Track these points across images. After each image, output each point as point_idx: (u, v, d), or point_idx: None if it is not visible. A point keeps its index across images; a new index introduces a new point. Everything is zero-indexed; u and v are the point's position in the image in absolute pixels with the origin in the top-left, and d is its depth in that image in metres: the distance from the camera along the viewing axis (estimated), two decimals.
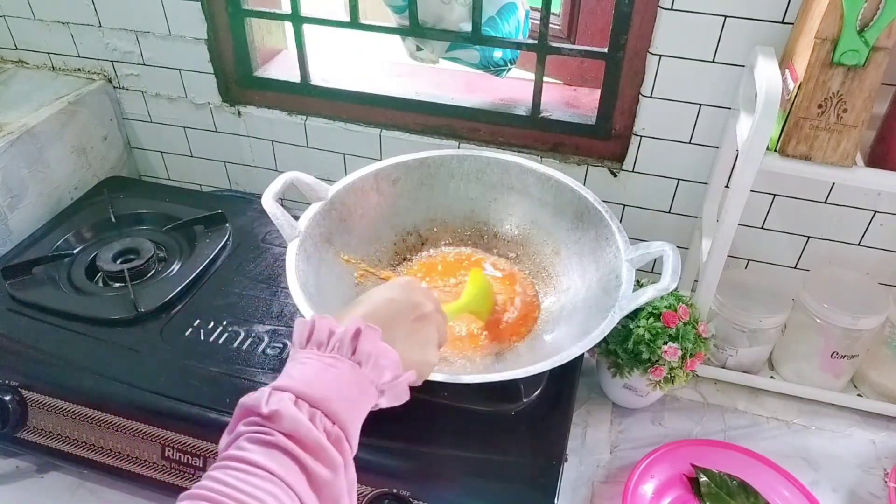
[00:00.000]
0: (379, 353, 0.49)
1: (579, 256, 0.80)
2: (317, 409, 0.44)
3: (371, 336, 0.49)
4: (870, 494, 0.78)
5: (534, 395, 0.71)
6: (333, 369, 0.47)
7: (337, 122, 1.03)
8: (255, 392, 0.44)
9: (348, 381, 0.47)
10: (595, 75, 0.99)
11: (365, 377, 0.48)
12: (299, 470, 0.41)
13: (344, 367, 0.47)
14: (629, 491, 0.74)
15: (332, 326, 0.49)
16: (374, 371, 0.49)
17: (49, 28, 1.07)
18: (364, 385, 0.48)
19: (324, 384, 0.46)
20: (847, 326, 0.81)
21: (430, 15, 0.92)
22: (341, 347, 0.48)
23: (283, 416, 0.42)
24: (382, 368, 0.49)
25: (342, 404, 0.45)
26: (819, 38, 0.62)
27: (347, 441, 0.45)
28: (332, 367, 0.47)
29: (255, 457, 0.40)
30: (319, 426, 0.43)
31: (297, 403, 0.44)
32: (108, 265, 0.87)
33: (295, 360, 0.48)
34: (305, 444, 0.42)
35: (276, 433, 0.42)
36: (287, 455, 0.41)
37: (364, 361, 0.48)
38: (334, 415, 0.45)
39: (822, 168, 0.67)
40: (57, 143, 1.02)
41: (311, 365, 0.47)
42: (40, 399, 0.74)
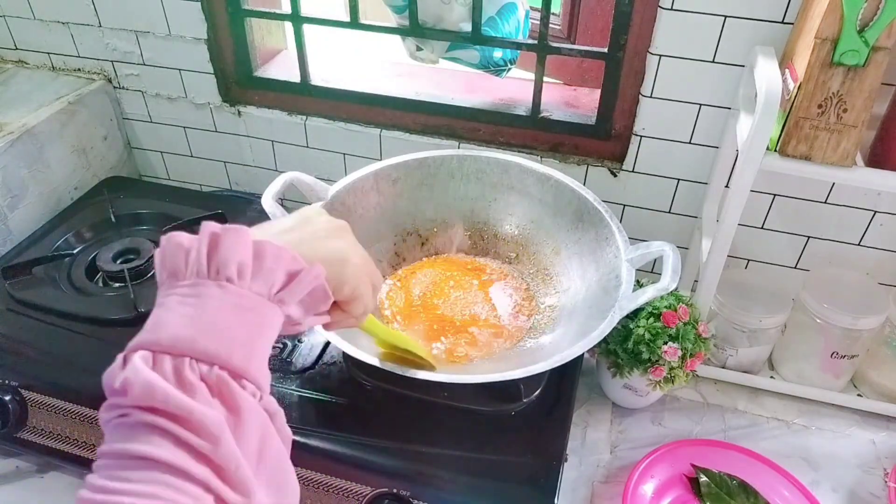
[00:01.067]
0: (259, 255, 0.39)
1: (579, 256, 0.80)
2: (183, 356, 0.36)
3: (237, 237, 0.39)
4: (870, 494, 0.78)
5: (534, 395, 0.71)
6: (193, 299, 0.37)
7: (337, 122, 1.03)
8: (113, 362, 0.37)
9: (219, 306, 0.37)
10: (595, 75, 0.99)
11: (244, 291, 0.38)
12: (173, 443, 0.33)
13: (209, 290, 0.38)
14: (629, 491, 0.74)
15: (184, 244, 0.39)
16: (258, 280, 0.39)
17: (49, 28, 1.07)
18: (247, 303, 0.38)
19: (186, 323, 0.36)
20: (847, 326, 0.81)
21: (430, 15, 0.92)
22: (200, 268, 0.38)
23: (133, 386, 0.34)
24: (269, 273, 0.39)
25: (217, 339, 0.36)
26: (819, 38, 0.62)
27: (242, 378, 0.37)
28: (191, 296, 0.37)
29: (123, 446, 0.33)
30: (192, 378, 0.35)
31: (156, 359, 0.35)
32: (108, 265, 0.87)
33: (156, 305, 0.39)
34: (167, 412, 0.34)
35: (132, 410, 0.34)
36: (152, 431, 0.34)
37: (233, 274, 0.38)
38: (210, 355, 0.36)
39: (822, 168, 0.67)
40: (57, 143, 1.02)
41: (168, 304, 0.38)
42: (40, 399, 0.74)
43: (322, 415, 0.70)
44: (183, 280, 0.38)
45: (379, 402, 0.71)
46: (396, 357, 0.66)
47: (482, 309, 0.80)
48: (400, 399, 0.70)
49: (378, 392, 0.71)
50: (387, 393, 0.71)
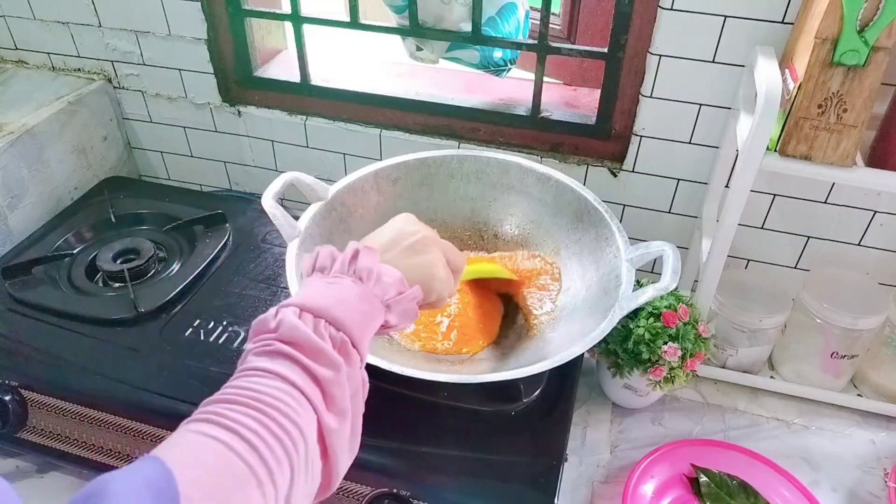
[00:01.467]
0: (380, 271, 0.52)
1: (579, 256, 0.80)
2: (320, 317, 0.47)
3: (369, 255, 0.53)
4: (870, 494, 0.78)
5: (534, 395, 0.71)
6: (335, 286, 0.50)
7: (337, 122, 1.03)
8: (265, 313, 0.48)
9: (350, 293, 0.50)
10: (595, 75, 0.99)
11: (368, 290, 0.51)
12: (301, 370, 0.44)
13: (346, 282, 0.51)
14: (629, 491, 0.74)
15: (333, 253, 0.53)
16: (378, 286, 0.52)
17: (49, 28, 1.07)
18: (368, 297, 0.51)
19: (326, 297, 0.49)
20: (847, 326, 0.81)
21: (430, 15, 0.92)
22: (343, 268, 0.52)
23: (282, 326, 0.46)
24: (385, 285, 0.52)
25: (345, 312, 0.48)
26: (819, 38, 0.62)
27: (354, 346, 0.48)
28: (335, 283, 0.51)
29: (261, 364, 0.44)
30: (324, 332, 0.46)
31: (301, 315, 0.47)
32: (108, 265, 0.87)
33: (302, 286, 0.52)
34: (303, 347, 0.45)
35: (276, 342, 0.45)
36: (288, 359, 0.44)
37: (365, 277, 0.51)
38: (337, 321, 0.47)
39: (822, 168, 0.67)
40: (57, 143, 1.02)
41: (315, 285, 0.51)
42: (40, 399, 0.74)
43: None
44: (328, 274, 0.52)
45: (379, 402, 0.71)
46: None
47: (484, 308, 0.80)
48: (400, 399, 0.70)
49: (378, 392, 0.71)
50: (387, 393, 0.70)
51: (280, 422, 0.40)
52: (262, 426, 0.39)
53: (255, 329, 0.48)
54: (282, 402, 0.41)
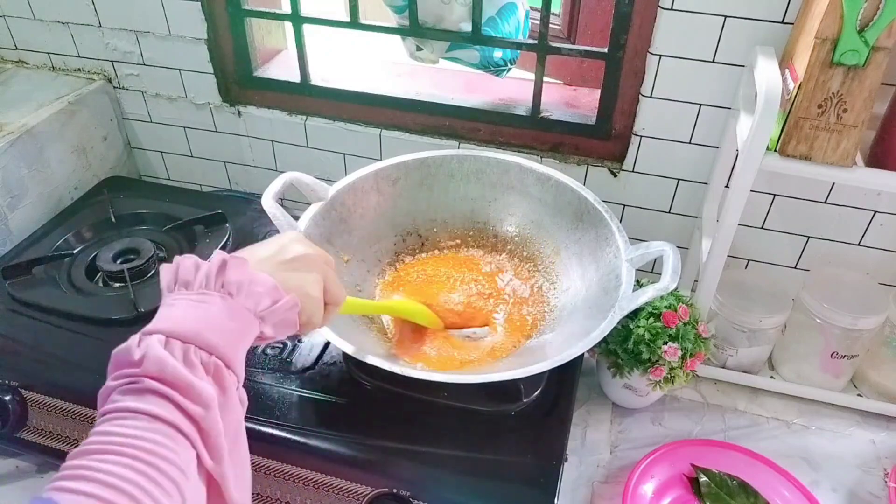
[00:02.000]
0: (251, 281, 0.49)
1: (579, 256, 0.80)
2: (190, 343, 0.44)
3: (237, 266, 0.49)
4: (870, 494, 0.78)
5: (534, 395, 0.71)
6: (203, 304, 0.47)
7: (337, 122, 1.03)
8: (126, 342, 0.44)
9: (220, 311, 0.47)
10: (595, 75, 0.99)
11: (239, 306, 0.48)
12: (173, 407, 0.41)
13: (214, 299, 0.47)
14: (629, 491, 0.74)
15: (197, 264, 0.49)
16: (249, 299, 0.48)
17: (49, 28, 1.07)
18: (239, 313, 0.48)
19: (194, 319, 0.46)
20: (847, 326, 0.81)
21: (430, 15, 0.92)
22: (208, 282, 0.48)
23: (148, 359, 0.42)
24: (258, 295, 0.49)
25: (216, 335, 0.45)
26: (819, 38, 0.62)
27: (230, 368, 0.46)
28: (202, 302, 0.47)
29: (128, 403, 0.41)
30: (195, 360, 0.44)
31: (168, 343, 0.44)
32: (108, 265, 0.87)
33: (164, 305, 0.48)
34: (173, 383, 0.42)
35: (144, 378, 0.42)
36: (157, 395, 0.41)
37: (235, 291, 0.48)
38: (209, 346, 0.45)
39: (822, 168, 0.67)
40: (57, 143, 1.02)
41: (179, 305, 0.47)
42: (40, 399, 0.74)
43: (322, 415, 0.70)
44: (192, 289, 0.48)
45: (379, 402, 0.71)
46: (401, 320, 0.71)
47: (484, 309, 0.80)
48: (400, 399, 0.70)
49: (378, 392, 0.71)
50: (387, 393, 0.71)
51: (158, 465, 0.39)
52: (139, 474, 0.38)
53: (115, 361, 0.44)
54: (156, 444, 0.39)
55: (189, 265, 0.49)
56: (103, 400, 0.43)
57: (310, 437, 0.67)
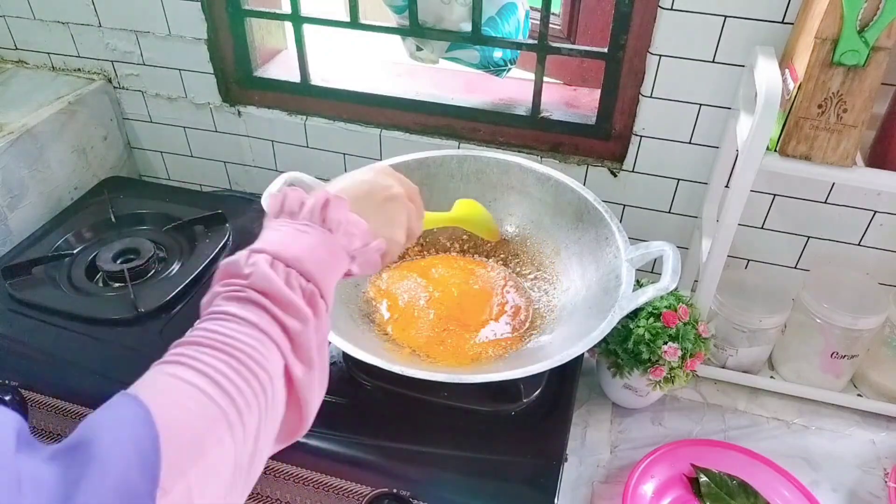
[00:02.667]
0: (348, 222, 0.53)
1: (579, 256, 0.80)
2: (292, 268, 0.47)
3: (339, 206, 0.53)
4: (870, 494, 0.78)
5: (534, 395, 0.71)
6: (306, 235, 0.50)
7: (337, 122, 1.03)
8: (234, 255, 0.47)
9: (320, 244, 0.50)
10: (595, 75, 0.99)
11: (336, 242, 0.51)
12: (271, 319, 0.44)
13: (316, 232, 0.51)
14: (629, 491, 0.74)
15: (302, 198, 0.53)
16: (345, 237, 0.52)
17: (49, 28, 1.07)
18: (335, 249, 0.51)
19: (298, 247, 0.49)
20: (847, 326, 0.81)
21: (430, 15, 0.92)
22: (312, 216, 0.51)
23: (255, 274, 0.46)
24: (352, 236, 0.53)
25: (315, 265, 0.48)
26: (819, 38, 0.62)
27: (322, 297, 0.48)
28: (305, 232, 0.50)
29: (231, 309, 0.44)
30: (295, 284, 0.47)
31: (273, 264, 0.47)
32: (108, 265, 0.87)
33: (269, 228, 0.51)
34: (275, 298, 0.45)
35: (249, 290, 0.45)
36: (259, 307, 0.45)
37: (334, 228, 0.52)
38: (308, 274, 0.48)
39: (822, 168, 0.67)
40: (57, 143, 1.02)
41: (285, 231, 0.50)
42: (40, 399, 0.74)
43: (322, 415, 0.69)
44: (297, 220, 0.51)
45: (379, 402, 0.71)
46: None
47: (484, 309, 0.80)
48: (400, 399, 0.70)
49: (378, 392, 0.71)
50: (387, 393, 0.71)
51: (249, 366, 0.41)
52: (232, 370, 0.40)
53: (224, 271, 0.48)
54: (251, 348, 0.42)
55: (295, 197, 0.53)
56: (207, 304, 0.46)
57: (310, 437, 0.67)
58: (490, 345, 0.76)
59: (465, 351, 0.75)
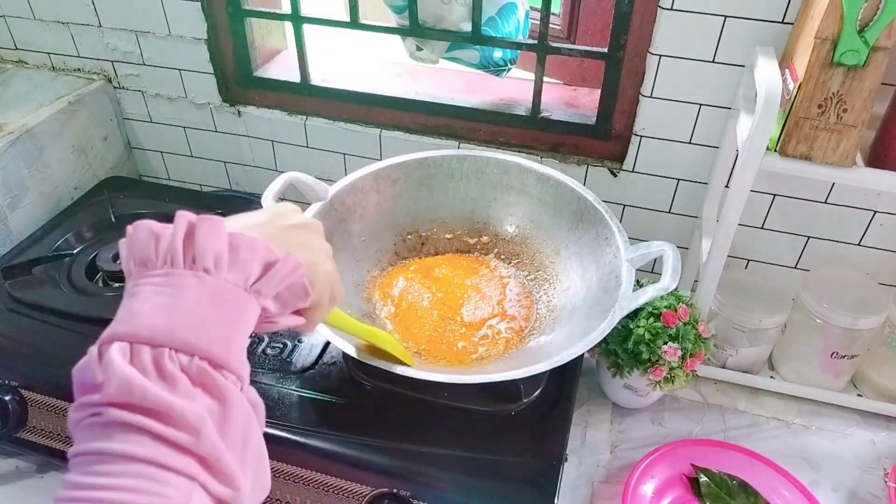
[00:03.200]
0: (233, 246, 0.39)
1: (579, 256, 0.80)
2: (161, 347, 0.35)
3: (211, 230, 0.38)
4: (870, 494, 0.78)
5: (534, 395, 0.71)
6: (171, 289, 0.37)
7: (337, 122, 1.03)
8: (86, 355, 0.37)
9: (196, 296, 0.37)
10: (595, 75, 0.99)
11: (221, 283, 0.38)
12: (152, 440, 0.33)
13: (185, 280, 0.37)
14: (629, 491, 0.74)
15: (154, 231, 0.38)
16: (234, 270, 0.38)
17: (49, 28, 1.07)
18: (224, 294, 0.38)
19: (163, 313, 0.36)
20: (847, 326, 0.81)
21: (430, 15, 0.92)
22: (174, 257, 0.38)
23: (110, 381, 0.34)
24: (245, 263, 0.38)
25: (196, 330, 0.36)
26: (819, 38, 0.62)
27: (220, 367, 0.36)
28: (170, 285, 0.37)
29: (98, 444, 0.33)
30: (170, 370, 0.34)
31: (134, 352, 0.35)
32: (108, 265, 0.87)
33: (126, 295, 0.38)
34: (147, 409, 0.33)
35: (108, 409, 0.34)
36: (130, 430, 0.33)
37: (213, 264, 0.38)
38: (189, 346, 0.35)
39: (822, 168, 0.67)
40: (57, 143, 1.02)
41: (142, 295, 0.37)
42: (40, 399, 0.74)
43: (322, 415, 0.70)
44: (154, 269, 0.38)
45: (379, 402, 0.71)
46: (373, 349, 0.65)
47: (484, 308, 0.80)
48: (400, 399, 0.70)
49: (378, 392, 0.71)
50: (387, 393, 0.71)
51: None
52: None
53: (77, 383, 0.36)
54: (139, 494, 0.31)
55: (145, 235, 0.38)
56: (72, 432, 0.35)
57: (310, 437, 0.67)
58: (491, 344, 0.76)
59: (466, 351, 0.75)
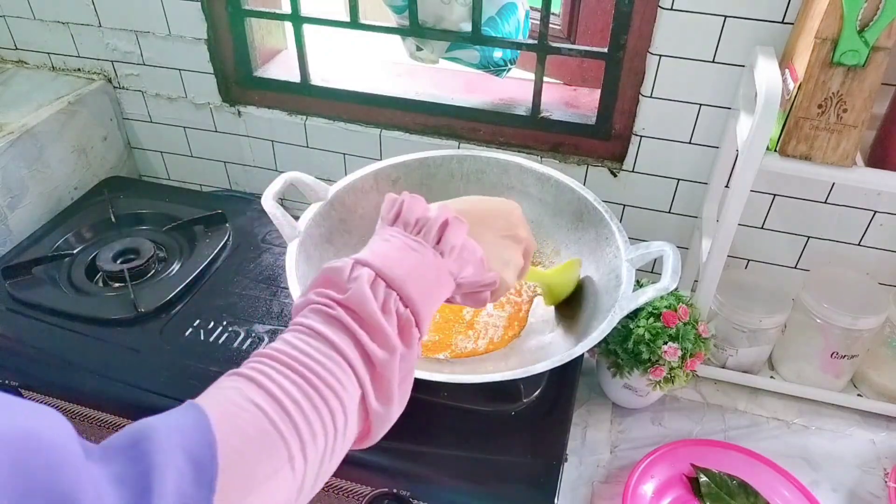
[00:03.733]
0: (463, 247, 0.50)
1: (579, 256, 0.80)
2: (392, 289, 0.45)
3: (458, 229, 0.50)
4: (870, 494, 0.78)
5: (534, 395, 0.71)
6: (416, 253, 0.48)
7: (337, 122, 1.03)
8: (339, 262, 0.46)
9: (429, 266, 0.47)
10: (595, 75, 0.99)
11: (445, 267, 0.49)
12: (354, 345, 0.42)
13: (427, 252, 0.48)
14: (629, 491, 0.74)
15: (421, 210, 0.50)
16: (457, 263, 0.49)
17: (49, 28, 1.07)
18: (443, 274, 0.48)
19: (404, 266, 0.46)
20: (847, 326, 0.81)
21: (430, 15, 0.92)
22: (427, 233, 0.49)
23: (353, 292, 0.43)
24: (465, 262, 0.50)
25: (418, 288, 0.46)
26: (819, 38, 0.62)
27: (417, 326, 0.46)
28: (415, 250, 0.48)
29: (317, 325, 0.42)
30: (392, 308, 0.44)
31: (374, 282, 0.44)
32: (108, 265, 0.87)
33: (379, 237, 0.49)
34: (367, 323, 0.43)
35: (339, 308, 0.43)
36: (346, 330, 0.42)
37: (447, 252, 0.49)
38: (408, 298, 0.45)
39: (822, 168, 0.67)
40: (57, 143, 1.02)
41: (394, 244, 0.48)
42: (40, 399, 0.74)
43: None
44: (410, 233, 0.49)
45: None
46: None
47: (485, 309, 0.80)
48: None
49: None
50: None
51: (322, 392, 0.39)
52: (302, 394, 0.39)
53: (324, 277, 0.45)
54: (328, 372, 0.40)
55: (413, 207, 0.50)
56: (298, 308, 0.44)
57: None
58: (491, 344, 0.76)
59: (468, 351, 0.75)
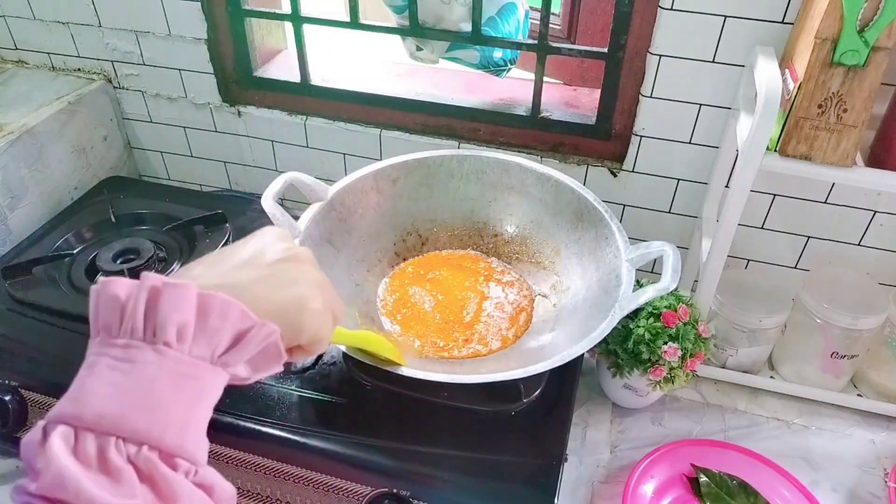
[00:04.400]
0: (203, 312, 0.35)
1: (579, 256, 0.80)
2: (108, 435, 0.32)
3: (179, 294, 0.35)
4: (870, 494, 0.78)
5: (534, 395, 0.71)
6: (128, 366, 0.34)
7: (337, 122, 1.03)
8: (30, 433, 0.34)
9: (153, 376, 0.34)
10: (595, 75, 0.99)
11: (183, 359, 0.35)
12: None
13: (145, 355, 0.34)
14: (629, 491, 0.74)
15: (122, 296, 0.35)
16: (199, 342, 0.35)
17: (49, 28, 1.07)
18: (185, 371, 0.35)
19: (116, 394, 0.33)
20: (847, 326, 0.81)
21: (430, 15, 0.92)
22: (134, 328, 0.35)
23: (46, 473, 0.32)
24: (213, 332, 0.35)
25: (150, 414, 0.33)
26: (819, 38, 0.62)
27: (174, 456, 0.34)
28: (128, 361, 0.34)
29: None
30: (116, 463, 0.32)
31: (78, 438, 0.32)
32: (108, 265, 0.87)
33: (85, 363, 0.36)
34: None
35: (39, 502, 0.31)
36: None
37: (174, 337, 0.35)
38: (139, 434, 0.33)
39: (822, 168, 0.67)
40: (57, 143, 1.02)
41: (98, 367, 0.35)
42: (40, 399, 0.74)
43: (322, 415, 0.70)
44: (116, 338, 0.35)
45: (379, 402, 0.71)
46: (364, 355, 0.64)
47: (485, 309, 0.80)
48: (400, 399, 0.70)
49: (378, 392, 0.71)
50: (387, 393, 0.70)
51: None
52: None
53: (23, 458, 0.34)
54: None
55: (109, 299, 0.35)
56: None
57: (310, 437, 0.67)
58: (491, 344, 0.76)
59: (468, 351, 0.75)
